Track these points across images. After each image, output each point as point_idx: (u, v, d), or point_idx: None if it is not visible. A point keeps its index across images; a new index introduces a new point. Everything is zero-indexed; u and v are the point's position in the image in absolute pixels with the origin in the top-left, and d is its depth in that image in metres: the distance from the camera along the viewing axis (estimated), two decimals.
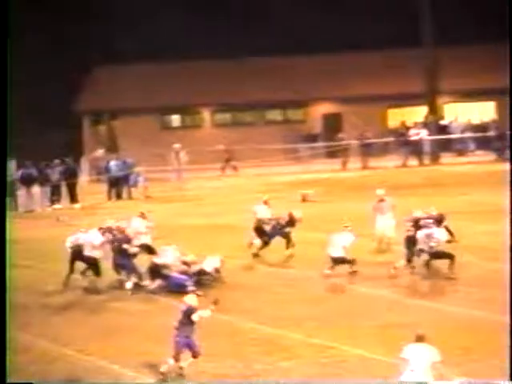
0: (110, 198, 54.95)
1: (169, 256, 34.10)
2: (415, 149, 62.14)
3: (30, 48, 70.08)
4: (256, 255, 36.49)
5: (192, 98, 69.26)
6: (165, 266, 33.85)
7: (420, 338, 20.76)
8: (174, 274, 33.56)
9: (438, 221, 34.81)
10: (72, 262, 34.67)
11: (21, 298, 34.57)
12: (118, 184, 55.60)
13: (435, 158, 62.02)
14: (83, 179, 59.46)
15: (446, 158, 62.85)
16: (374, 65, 66.73)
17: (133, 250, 34.32)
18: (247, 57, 68.69)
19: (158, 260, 34.17)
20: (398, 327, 27.49)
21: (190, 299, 24.47)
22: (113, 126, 70.78)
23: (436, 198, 47.23)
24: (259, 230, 37.17)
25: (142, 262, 34.04)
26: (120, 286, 33.87)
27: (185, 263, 34.44)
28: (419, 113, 65.68)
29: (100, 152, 62.26)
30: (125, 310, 31.95)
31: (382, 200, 38.69)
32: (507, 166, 57.19)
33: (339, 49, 66.83)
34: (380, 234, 37.85)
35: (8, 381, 22.21)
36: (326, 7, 70.56)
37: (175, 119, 71.47)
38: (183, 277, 33.45)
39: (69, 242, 34.63)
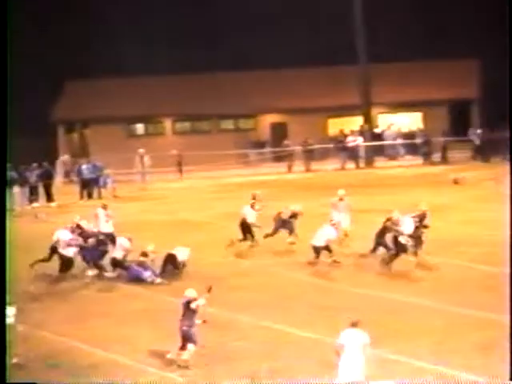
0: (81, 198, 54.76)
1: (121, 246, 34.27)
2: (352, 154, 62.99)
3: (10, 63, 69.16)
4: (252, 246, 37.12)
5: (155, 109, 69.75)
6: (124, 258, 34.39)
7: (354, 324, 20.94)
8: (133, 266, 33.73)
9: (421, 219, 34.62)
10: (50, 255, 35.16)
11: None
12: (89, 185, 55.52)
13: (370, 162, 63.09)
14: (58, 180, 59.54)
15: (380, 162, 63.97)
16: (315, 79, 67.41)
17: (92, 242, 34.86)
18: (205, 72, 68.23)
19: (116, 254, 34.37)
20: (334, 310, 27.87)
21: (190, 292, 24.50)
22: (84, 134, 70.80)
23: (370, 197, 48.90)
24: (243, 226, 37.61)
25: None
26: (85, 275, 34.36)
27: (144, 254, 34.32)
28: (356, 122, 66.30)
29: (65, 157, 62.25)
30: (91, 297, 32.24)
31: (341, 199, 39.23)
32: (433, 168, 59.82)
33: (285, 65, 66.81)
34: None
35: (8, 381, 20.42)
36: (274, 27, 70.29)
37: (140, 128, 71.67)
38: (140, 269, 33.50)
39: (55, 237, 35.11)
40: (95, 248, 35.33)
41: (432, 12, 69.18)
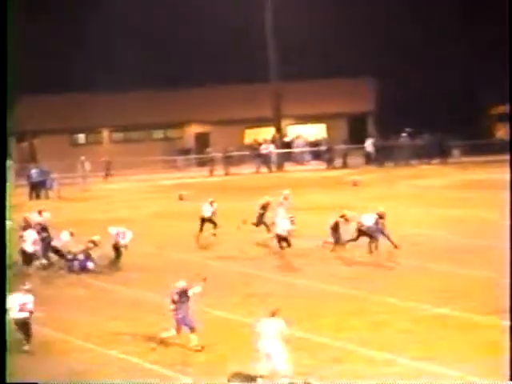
0: (31, 198, 54.59)
1: (63, 238, 33.99)
2: (265, 160, 63.69)
3: None
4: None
5: (94, 121, 69.24)
6: (65, 249, 33.86)
7: (273, 313, 20.24)
8: (78, 257, 33.37)
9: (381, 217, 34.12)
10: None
11: None
12: (37, 187, 55.41)
13: (280, 167, 63.86)
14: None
15: (289, 166, 64.48)
16: (234, 95, 67.82)
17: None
18: (138, 89, 67.91)
19: (56, 243, 34.12)
20: (259, 296, 28.02)
21: (181, 283, 23.96)
22: (33, 144, 70.36)
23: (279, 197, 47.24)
24: (203, 220, 37.73)
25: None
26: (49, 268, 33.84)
27: (92, 242, 33.95)
28: (268, 132, 67.06)
29: (11, 163, 60.09)
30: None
31: (285, 198, 39.25)
32: (335, 172, 60.53)
33: (208, 82, 66.98)
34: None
35: (8, 381, 19.24)
36: (201, 50, 69.47)
37: (81, 137, 71.12)
38: (84, 259, 33.27)
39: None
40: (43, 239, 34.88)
41: (337, 36, 66.78)
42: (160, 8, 69.21)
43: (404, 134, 64.14)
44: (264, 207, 38.78)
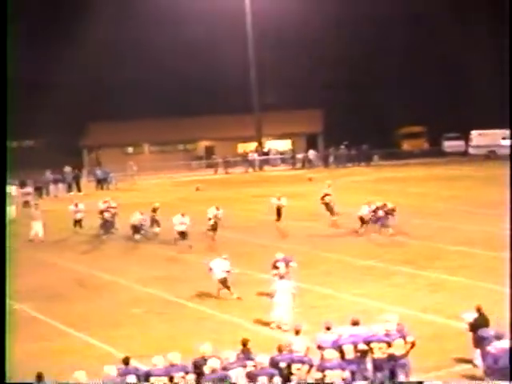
0: (97, 190, 54.36)
1: (136, 217, 32.97)
2: (251, 163, 63.49)
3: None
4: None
5: (138, 139, 68.32)
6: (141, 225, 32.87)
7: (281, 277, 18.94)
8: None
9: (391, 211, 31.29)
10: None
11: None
12: (101, 182, 55.49)
13: (261, 168, 63.34)
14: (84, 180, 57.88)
15: (266, 168, 63.85)
16: (230, 121, 66.26)
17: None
18: (167, 116, 66.23)
19: (133, 221, 32.86)
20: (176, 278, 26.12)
21: (280, 255, 22.40)
22: (99, 154, 68.00)
23: (262, 188, 48.72)
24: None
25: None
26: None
27: (153, 209, 33.26)
28: (253, 145, 66.29)
29: (68, 168, 56.06)
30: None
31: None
32: (297, 172, 59.78)
33: (214, 112, 65.23)
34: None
35: (7, 381, 15.26)
36: (207, 87, 66.40)
37: (130, 149, 68.98)
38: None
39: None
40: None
41: (299, 79, 66.22)
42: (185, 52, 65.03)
43: (342, 146, 63.76)
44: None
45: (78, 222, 36.26)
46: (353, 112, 66.03)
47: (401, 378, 15.02)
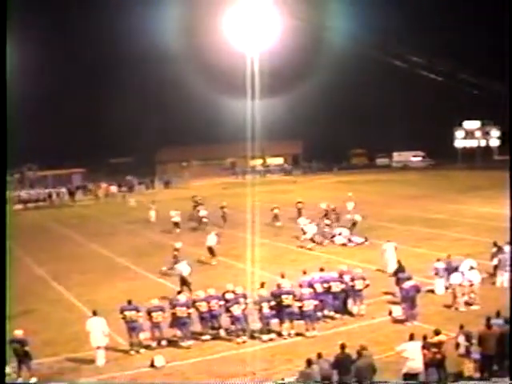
0: (165, 188, 52.96)
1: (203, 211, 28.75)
2: (258, 173, 60.09)
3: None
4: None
5: (187, 157, 65.20)
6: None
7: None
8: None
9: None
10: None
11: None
12: (167, 183, 54.01)
13: (264, 176, 60.45)
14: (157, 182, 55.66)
15: (268, 175, 61.04)
16: (245, 146, 62.78)
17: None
18: (204, 144, 63.56)
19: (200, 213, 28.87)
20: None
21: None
22: (166, 166, 65.44)
23: (267, 187, 45.96)
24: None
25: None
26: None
27: (195, 201, 30.79)
28: (259, 161, 64.27)
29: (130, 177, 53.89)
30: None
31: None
32: (286, 177, 57.58)
33: (235, 139, 57.90)
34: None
35: (7, 381, 11.42)
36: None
37: (184, 164, 64.63)
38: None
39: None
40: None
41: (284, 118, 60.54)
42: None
43: (314, 161, 63.65)
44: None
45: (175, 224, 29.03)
46: (320, 140, 64.42)
47: (356, 303, 15.14)
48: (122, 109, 61.47)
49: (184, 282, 17.41)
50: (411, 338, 11.33)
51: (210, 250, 21.61)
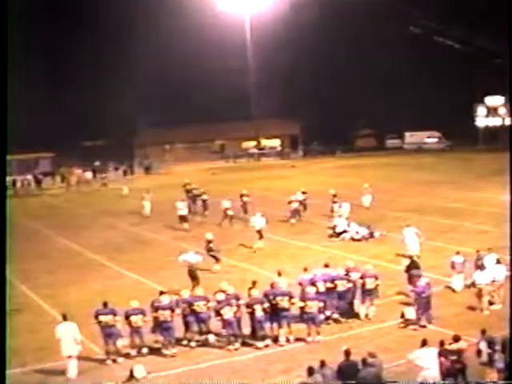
0: (145, 174, 52.68)
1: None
2: (252, 155, 61.96)
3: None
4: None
5: (173, 139, 64.89)
6: None
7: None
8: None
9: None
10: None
11: None
12: (147, 168, 53.92)
13: (258, 159, 61.25)
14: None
15: (263, 159, 61.36)
16: (237, 126, 63.63)
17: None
18: (193, 125, 63.34)
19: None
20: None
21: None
22: (146, 149, 64.01)
23: (261, 172, 48.20)
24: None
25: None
26: None
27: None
28: (253, 143, 64.35)
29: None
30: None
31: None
32: (283, 161, 57.40)
33: (225, 119, 62.43)
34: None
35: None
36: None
37: (167, 147, 64.38)
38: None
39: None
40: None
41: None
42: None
43: (315, 143, 63.72)
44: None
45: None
46: (322, 118, 64.50)
47: (365, 304, 15.11)
48: (96, 85, 60.89)
49: (192, 275, 17.54)
50: (424, 343, 11.23)
51: (260, 234, 22.15)
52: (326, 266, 15.90)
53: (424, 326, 14.24)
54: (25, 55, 52.41)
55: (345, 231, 23.52)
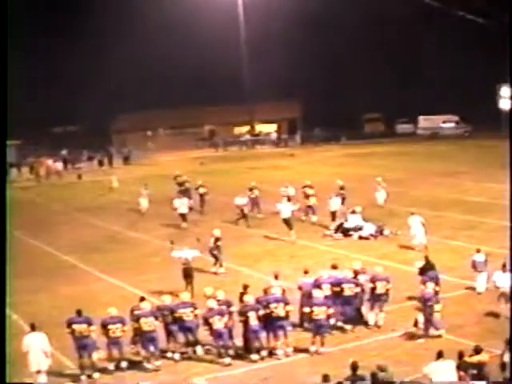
0: (124, 164, 53.32)
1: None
2: (244, 143, 62.36)
3: None
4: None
5: (156, 125, 65.99)
6: None
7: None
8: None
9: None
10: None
11: None
12: (126, 158, 54.60)
13: (252, 147, 60.96)
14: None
15: (257, 146, 61.59)
16: (228, 110, 64.44)
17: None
18: (179, 107, 63.67)
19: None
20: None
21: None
22: (125, 136, 64.68)
23: (254, 161, 48.40)
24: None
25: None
26: None
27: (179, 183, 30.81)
28: (246, 128, 65.16)
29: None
30: None
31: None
32: (282, 149, 58.21)
33: (215, 103, 63.32)
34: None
35: (8, 381, 12.50)
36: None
37: (149, 133, 65.92)
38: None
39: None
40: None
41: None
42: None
43: (317, 129, 63.54)
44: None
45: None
46: (324, 101, 64.86)
47: (374, 311, 14.95)
48: (68, 63, 61.01)
49: (187, 273, 17.58)
50: (440, 355, 11.12)
51: (287, 223, 22.54)
52: (334, 267, 15.73)
53: (440, 336, 14.08)
54: None
55: (360, 228, 23.41)
